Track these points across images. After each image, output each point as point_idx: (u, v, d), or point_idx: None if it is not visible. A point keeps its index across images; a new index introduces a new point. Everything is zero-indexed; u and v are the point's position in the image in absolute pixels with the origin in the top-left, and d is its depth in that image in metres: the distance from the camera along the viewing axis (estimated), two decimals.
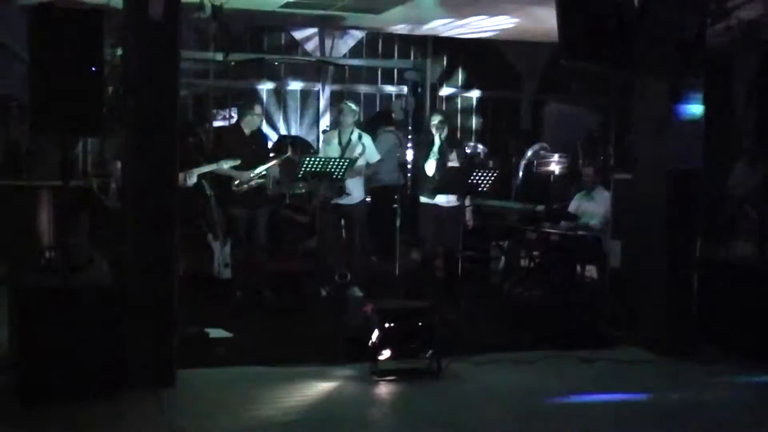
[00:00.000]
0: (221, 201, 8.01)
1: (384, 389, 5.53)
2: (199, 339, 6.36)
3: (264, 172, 7.74)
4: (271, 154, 8.35)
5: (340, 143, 8.16)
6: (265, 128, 10.72)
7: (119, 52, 7.80)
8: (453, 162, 7.82)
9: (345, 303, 7.52)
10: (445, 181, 7.41)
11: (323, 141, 8.49)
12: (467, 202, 7.81)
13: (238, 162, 7.55)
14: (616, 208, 7.18)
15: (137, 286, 5.27)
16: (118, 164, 6.94)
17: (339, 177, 7.64)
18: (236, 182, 7.65)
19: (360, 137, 8.18)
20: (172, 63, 5.38)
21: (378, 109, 11.49)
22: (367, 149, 8.15)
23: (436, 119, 7.93)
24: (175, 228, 5.42)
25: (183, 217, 5.70)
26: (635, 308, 6.76)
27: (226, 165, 7.56)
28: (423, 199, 7.98)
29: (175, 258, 5.47)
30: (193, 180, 7.50)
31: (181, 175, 7.30)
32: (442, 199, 7.76)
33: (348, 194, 8.12)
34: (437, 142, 7.79)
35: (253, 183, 7.70)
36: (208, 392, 5.32)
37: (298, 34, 10.91)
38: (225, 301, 7.67)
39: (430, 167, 7.79)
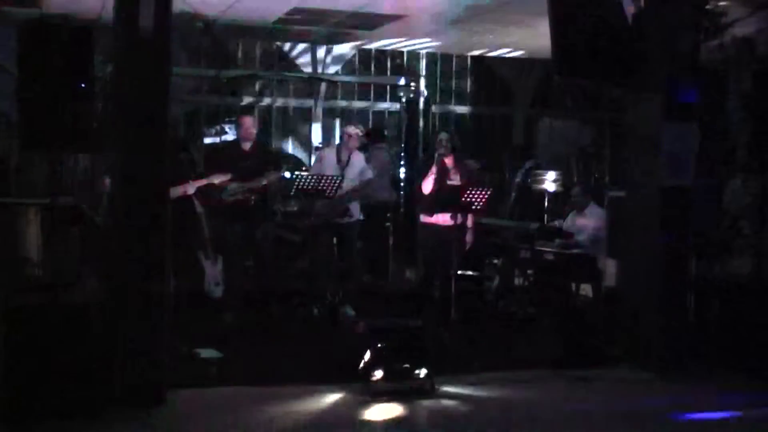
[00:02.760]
0: (216, 213, 8.01)
1: (376, 410, 5.49)
2: (189, 359, 6.32)
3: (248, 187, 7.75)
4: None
5: (339, 161, 8.15)
6: None
7: (110, 67, 7.82)
8: (455, 182, 7.79)
9: (337, 322, 7.49)
10: (439, 200, 7.40)
11: (317, 158, 8.46)
12: (469, 223, 7.76)
13: (228, 177, 7.57)
14: (611, 226, 7.17)
15: (127, 304, 5.24)
16: (108, 181, 6.92)
17: (332, 195, 7.62)
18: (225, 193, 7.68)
19: (360, 159, 8.29)
20: (163, 78, 5.37)
21: (370, 126, 11.49)
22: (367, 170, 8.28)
23: (442, 136, 7.92)
24: (165, 246, 5.39)
25: (173, 234, 5.66)
26: (630, 327, 6.74)
27: (217, 180, 7.57)
28: (422, 219, 7.97)
29: (166, 276, 5.44)
30: (192, 190, 7.55)
31: (180, 188, 7.32)
32: (441, 219, 7.73)
33: (351, 215, 8.14)
34: (437, 159, 7.77)
35: (239, 196, 7.69)
36: (197, 413, 5.28)
37: (291, 51, 10.91)
38: (216, 321, 7.62)
39: (427, 186, 7.76)
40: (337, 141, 8.48)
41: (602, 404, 5.80)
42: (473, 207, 7.24)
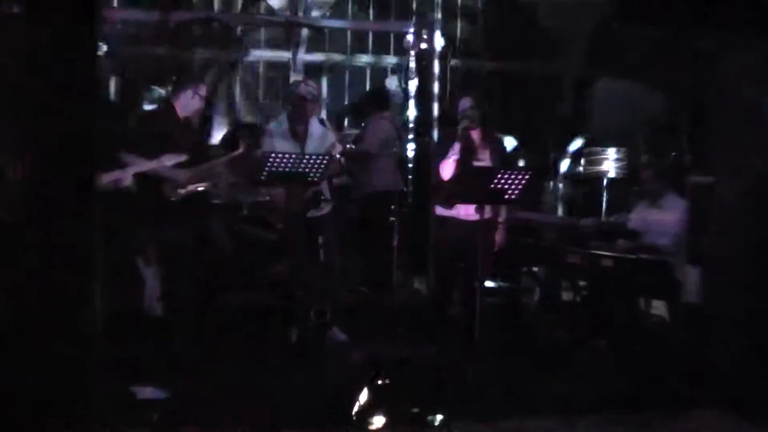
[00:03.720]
0: (150, 217, 7.92)
1: None
2: (124, 399, 6.32)
3: (206, 174, 7.66)
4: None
5: (294, 135, 8.15)
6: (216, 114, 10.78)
7: (17, 7, 7.80)
8: (483, 163, 7.78)
9: (324, 349, 7.49)
10: (460, 186, 7.37)
11: (268, 130, 8.44)
12: (501, 217, 7.76)
13: (183, 158, 7.50)
14: (693, 223, 7.16)
15: (42, 326, 5.22)
16: (16, 163, 6.90)
17: (316, 179, 7.61)
18: (172, 186, 7.55)
19: (318, 126, 8.34)
20: (91, 25, 5.35)
21: (369, 88, 11.48)
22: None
23: (465, 103, 7.88)
24: (93, 248, 5.37)
25: (103, 235, 5.65)
26: (716, 357, 6.73)
27: (169, 162, 7.52)
28: (439, 211, 7.96)
29: (94, 289, 5.43)
30: (128, 180, 7.44)
31: (115, 173, 7.27)
32: (464, 211, 7.72)
33: (328, 202, 8.14)
34: (459, 133, 7.74)
35: (199, 187, 7.62)
36: None
37: None
38: (160, 348, 7.62)
39: (448, 169, 7.73)
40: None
41: None
42: (507, 196, 7.22)
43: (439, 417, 5.77)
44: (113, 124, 8.66)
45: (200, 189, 7.65)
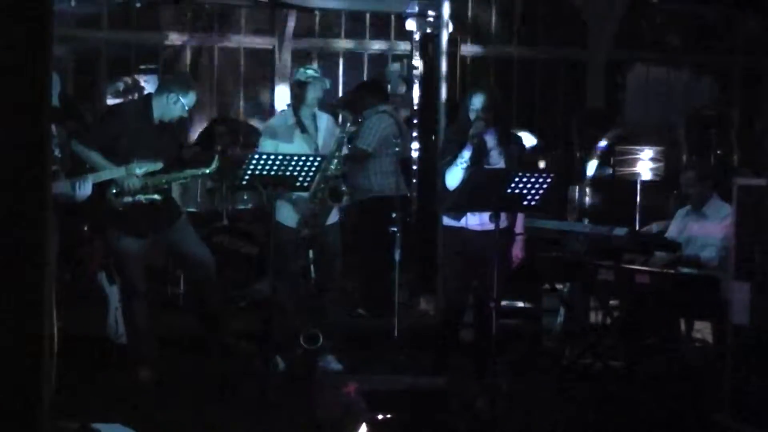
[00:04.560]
0: (97, 225, 7.90)
1: None
2: None
3: (164, 184, 7.65)
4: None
5: (303, 130, 8.12)
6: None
7: None
8: (497, 165, 7.77)
9: (315, 381, 7.49)
10: (473, 192, 7.36)
11: (267, 129, 8.40)
12: (519, 226, 7.76)
13: (158, 166, 7.46)
14: (742, 232, 7.16)
15: None
16: None
17: (306, 184, 7.60)
18: (114, 191, 7.53)
19: (326, 119, 8.32)
20: (42, 4, 5.36)
21: (365, 78, 11.48)
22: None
23: (477, 101, 7.85)
24: (47, 264, 5.37)
25: (59, 248, 5.66)
26: None
27: (139, 170, 7.48)
28: (446, 221, 7.96)
29: (49, 310, 5.43)
30: (87, 190, 7.39)
31: (67, 183, 7.25)
32: (474, 221, 7.72)
33: (346, 197, 8.14)
34: (471, 131, 7.73)
35: (141, 198, 7.57)
36: None
37: None
38: (125, 380, 7.63)
39: (455, 176, 7.71)
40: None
41: None
42: (526, 202, 7.23)
43: None
44: (69, 120, 8.67)
45: (144, 200, 7.60)
